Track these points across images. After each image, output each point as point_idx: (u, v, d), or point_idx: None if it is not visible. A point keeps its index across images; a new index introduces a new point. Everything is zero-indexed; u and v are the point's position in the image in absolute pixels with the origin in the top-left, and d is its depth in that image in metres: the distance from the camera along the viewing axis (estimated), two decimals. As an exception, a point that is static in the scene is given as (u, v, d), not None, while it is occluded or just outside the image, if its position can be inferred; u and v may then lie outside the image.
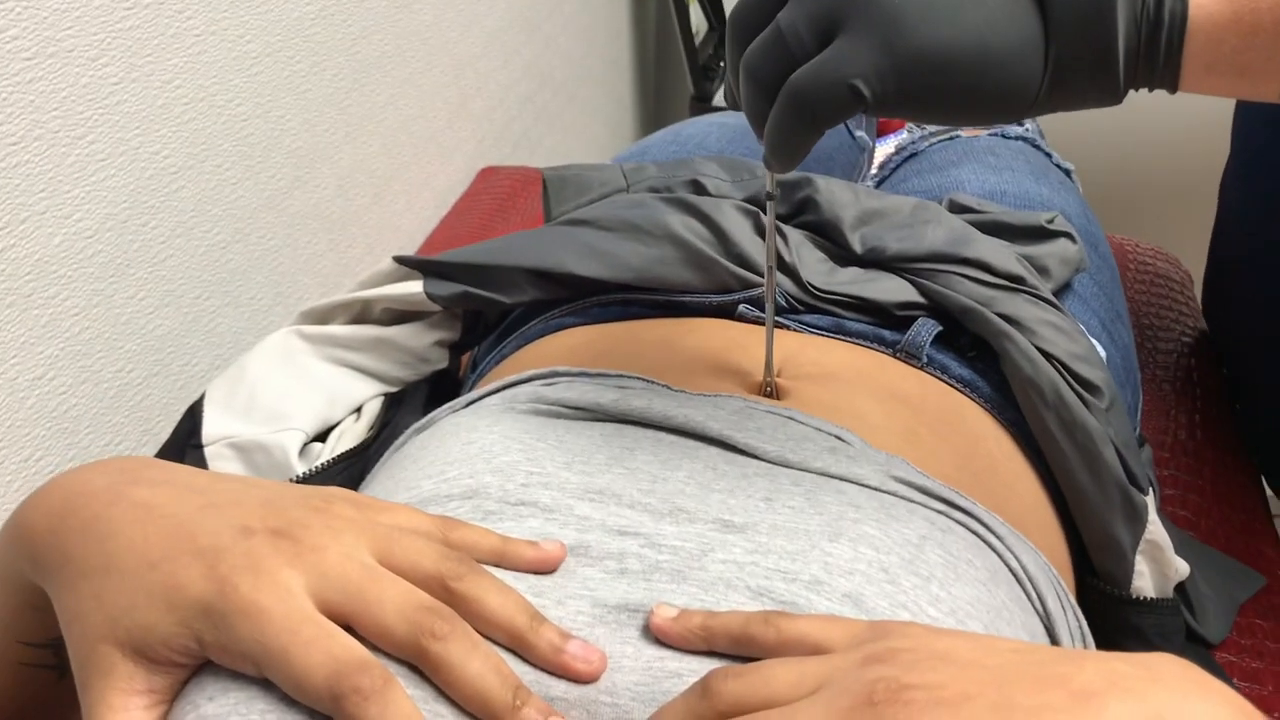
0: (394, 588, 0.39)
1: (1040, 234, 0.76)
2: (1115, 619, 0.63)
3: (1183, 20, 0.42)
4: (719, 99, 1.96)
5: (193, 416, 0.70)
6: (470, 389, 0.75)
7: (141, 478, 0.44)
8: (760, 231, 0.69)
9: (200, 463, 0.67)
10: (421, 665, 0.38)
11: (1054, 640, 0.51)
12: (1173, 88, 0.44)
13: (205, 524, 0.40)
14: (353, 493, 0.45)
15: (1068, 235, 0.76)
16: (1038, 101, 0.44)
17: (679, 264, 0.69)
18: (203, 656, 0.38)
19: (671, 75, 2.16)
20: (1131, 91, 0.45)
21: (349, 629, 0.38)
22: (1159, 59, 0.43)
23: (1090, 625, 0.56)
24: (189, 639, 0.38)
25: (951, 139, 1.07)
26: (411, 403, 0.74)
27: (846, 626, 0.39)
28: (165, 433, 0.78)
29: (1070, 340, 0.64)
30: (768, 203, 0.56)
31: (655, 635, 0.41)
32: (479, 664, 0.38)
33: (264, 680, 0.37)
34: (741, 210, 0.71)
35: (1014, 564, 0.50)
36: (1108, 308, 0.81)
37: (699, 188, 0.76)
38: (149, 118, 0.82)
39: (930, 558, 0.46)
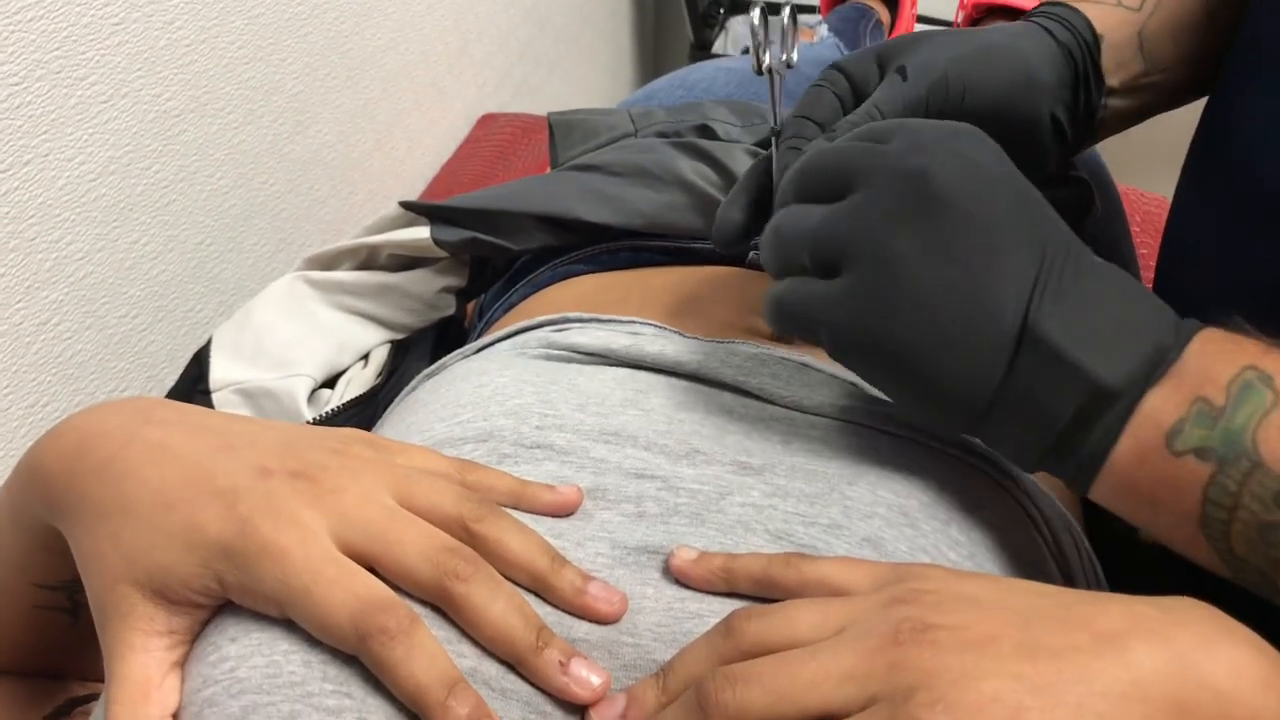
0: (415, 529, 0.39)
1: (1054, 180, 0.75)
2: (1124, 560, 0.63)
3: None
4: (719, 47, 1.94)
5: (199, 363, 0.70)
6: (478, 336, 0.74)
7: (155, 418, 0.43)
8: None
9: (207, 408, 0.67)
10: (444, 606, 0.38)
11: (1069, 583, 0.51)
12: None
13: (222, 464, 0.40)
14: (369, 434, 0.45)
15: (1081, 179, 0.75)
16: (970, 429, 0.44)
17: (689, 210, 0.68)
18: (223, 597, 0.38)
19: (671, 22, 2.14)
20: None
21: (370, 570, 0.38)
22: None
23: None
24: (209, 579, 0.38)
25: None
26: (419, 350, 0.74)
27: (869, 569, 0.39)
28: (169, 378, 0.78)
29: None
30: (774, 140, 0.56)
31: (676, 576, 0.41)
32: (502, 605, 0.37)
33: (286, 621, 0.37)
34: (752, 155, 0.70)
35: (1030, 508, 0.50)
36: (1117, 257, 0.80)
37: (708, 132, 0.75)
38: (151, 59, 0.80)
39: (949, 501, 0.46)
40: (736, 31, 1.97)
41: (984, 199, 0.42)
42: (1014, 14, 1.46)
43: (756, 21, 0.57)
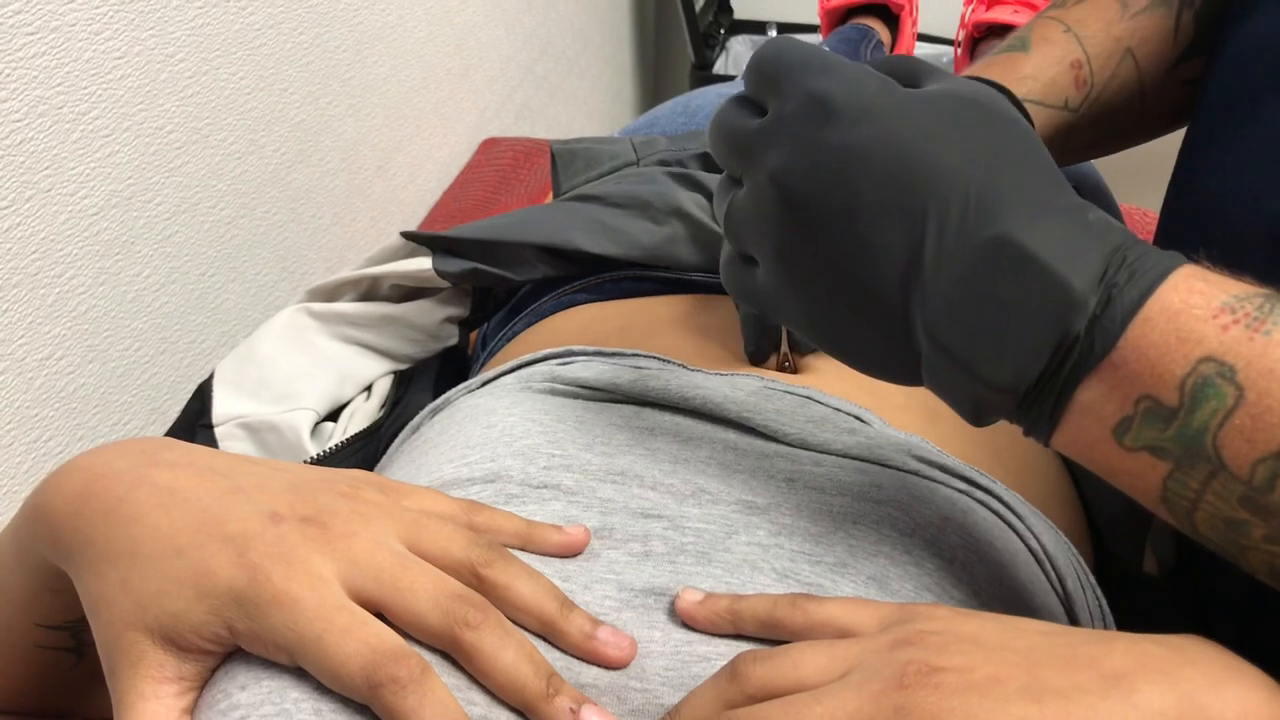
0: (425, 575, 0.39)
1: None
2: (1130, 597, 0.63)
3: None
4: (720, 67, 1.95)
5: (202, 396, 0.70)
6: (481, 366, 0.74)
7: (162, 459, 0.43)
8: None
9: (210, 443, 0.67)
10: (454, 654, 0.38)
11: (1073, 620, 0.51)
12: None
13: (232, 510, 0.40)
14: (377, 476, 0.45)
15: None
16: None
17: (689, 243, 0.68)
18: (232, 644, 0.38)
19: (672, 43, 2.14)
20: None
21: (380, 618, 0.38)
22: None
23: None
24: (220, 627, 0.37)
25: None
26: (422, 380, 0.74)
27: (874, 609, 0.39)
28: (172, 411, 0.78)
29: None
30: None
31: (682, 619, 0.41)
32: (512, 652, 0.37)
33: (296, 669, 0.37)
34: None
35: (1034, 544, 0.50)
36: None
37: (711, 160, 0.75)
38: (152, 92, 0.81)
39: (952, 539, 0.46)
40: (737, 52, 1.97)
41: (836, 187, 0.39)
42: (1012, 34, 1.46)
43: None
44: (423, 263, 0.71)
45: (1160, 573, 0.62)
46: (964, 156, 0.38)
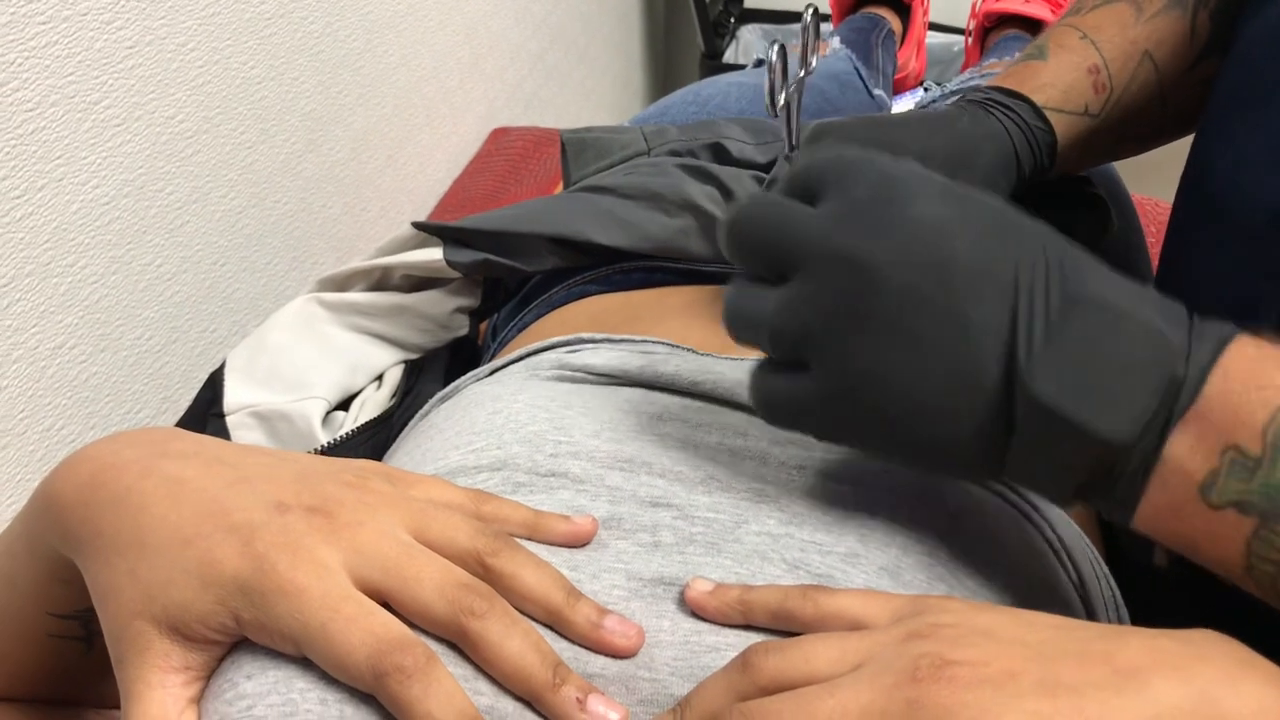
0: (431, 565, 0.38)
1: (1067, 199, 0.75)
2: (1140, 590, 0.63)
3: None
4: (730, 56, 1.94)
5: (213, 385, 0.70)
6: (492, 356, 0.74)
7: (171, 449, 0.43)
8: None
9: (222, 432, 0.67)
10: (461, 644, 0.38)
11: (1089, 609, 0.51)
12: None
13: (238, 499, 0.40)
14: (384, 466, 0.45)
15: (1098, 197, 0.75)
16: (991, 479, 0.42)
17: (700, 235, 0.68)
18: (239, 633, 0.38)
19: (682, 32, 2.14)
20: None
21: (386, 606, 0.38)
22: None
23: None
24: (226, 617, 0.37)
25: (973, 98, 1.06)
26: (432, 370, 0.74)
27: (886, 601, 0.39)
28: (184, 400, 0.78)
29: None
30: (785, 163, 0.56)
31: (692, 609, 0.41)
32: (519, 642, 0.37)
33: (302, 658, 0.37)
34: (758, 181, 0.70)
35: (1049, 533, 0.50)
36: (1132, 271, 0.80)
37: (722, 150, 0.75)
38: (164, 81, 0.81)
39: (966, 529, 0.46)
40: (747, 40, 1.97)
41: (929, 260, 0.38)
42: (1026, 22, 1.45)
43: (774, 59, 0.57)
44: (434, 253, 0.71)
45: (1170, 566, 0.62)
46: (1032, 224, 0.40)
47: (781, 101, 0.58)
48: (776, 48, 0.57)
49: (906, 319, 0.38)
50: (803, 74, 0.59)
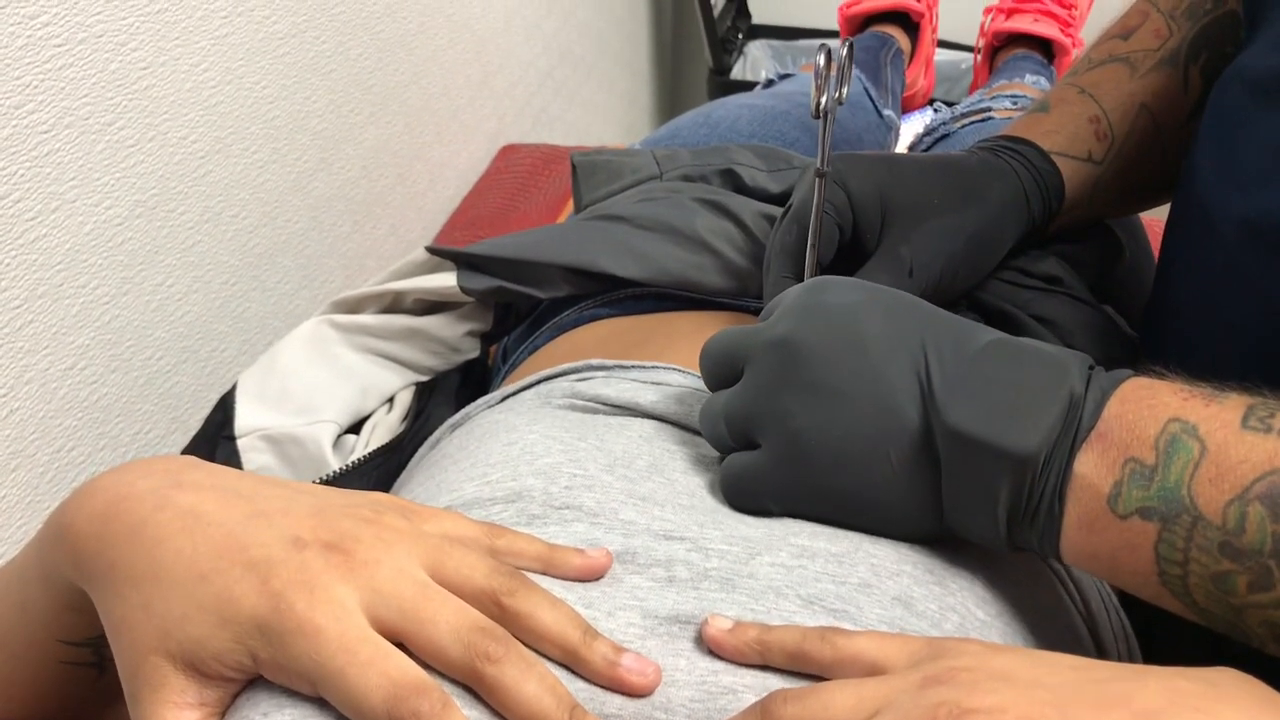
0: (447, 606, 0.38)
1: (1085, 231, 0.75)
2: (1152, 615, 0.63)
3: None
4: (738, 72, 1.94)
5: (224, 408, 0.70)
6: (502, 380, 0.74)
7: (186, 481, 0.43)
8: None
9: (233, 455, 0.67)
10: (476, 687, 0.37)
11: (1097, 640, 0.51)
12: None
13: (255, 534, 0.40)
14: (400, 500, 0.45)
15: (1109, 229, 0.75)
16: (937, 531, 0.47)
17: (715, 272, 0.69)
18: (255, 671, 0.38)
19: (689, 49, 2.14)
20: None
21: (400, 646, 0.38)
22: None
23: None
24: (243, 655, 0.37)
25: (985, 120, 1.06)
26: (443, 392, 0.74)
27: (903, 644, 0.39)
28: (195, 421, 0.78)
29: (1106, 342, 0.64)
30: (817, 181, 0.56)
31: (709, 646, 0.40)
32: (534, 686, 0.37)
33: (319, 698, 0.37)
34: (767, 218, 0.70)
35: (1056, 566, 0.50)
36: (1143, 293, 0.80)
37: (734, 177, 0.75)
38: (177, 102, 0.81)
39: (973, 558, 0.46)
40: (755, 56, 1.97)
41: (847, 334, 0.45)
42: (1035, 42, 1.46)
43: (822, 63, 0.58)
44: (447, 278, 0.71)
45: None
46: (931, 306, 0.48)
47: (824, 104, 0.58)
48: (824, 54, 0.58)
49: (832, 379, 0.45)
50: (836, 101, 0.59)
